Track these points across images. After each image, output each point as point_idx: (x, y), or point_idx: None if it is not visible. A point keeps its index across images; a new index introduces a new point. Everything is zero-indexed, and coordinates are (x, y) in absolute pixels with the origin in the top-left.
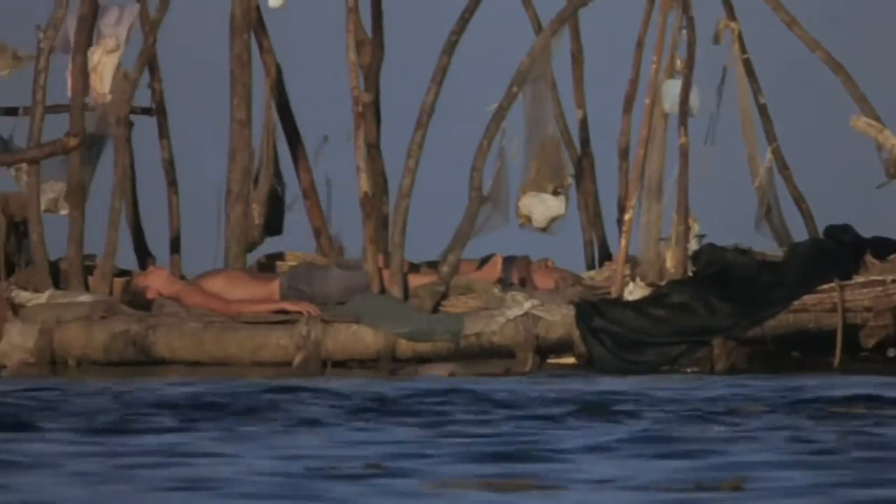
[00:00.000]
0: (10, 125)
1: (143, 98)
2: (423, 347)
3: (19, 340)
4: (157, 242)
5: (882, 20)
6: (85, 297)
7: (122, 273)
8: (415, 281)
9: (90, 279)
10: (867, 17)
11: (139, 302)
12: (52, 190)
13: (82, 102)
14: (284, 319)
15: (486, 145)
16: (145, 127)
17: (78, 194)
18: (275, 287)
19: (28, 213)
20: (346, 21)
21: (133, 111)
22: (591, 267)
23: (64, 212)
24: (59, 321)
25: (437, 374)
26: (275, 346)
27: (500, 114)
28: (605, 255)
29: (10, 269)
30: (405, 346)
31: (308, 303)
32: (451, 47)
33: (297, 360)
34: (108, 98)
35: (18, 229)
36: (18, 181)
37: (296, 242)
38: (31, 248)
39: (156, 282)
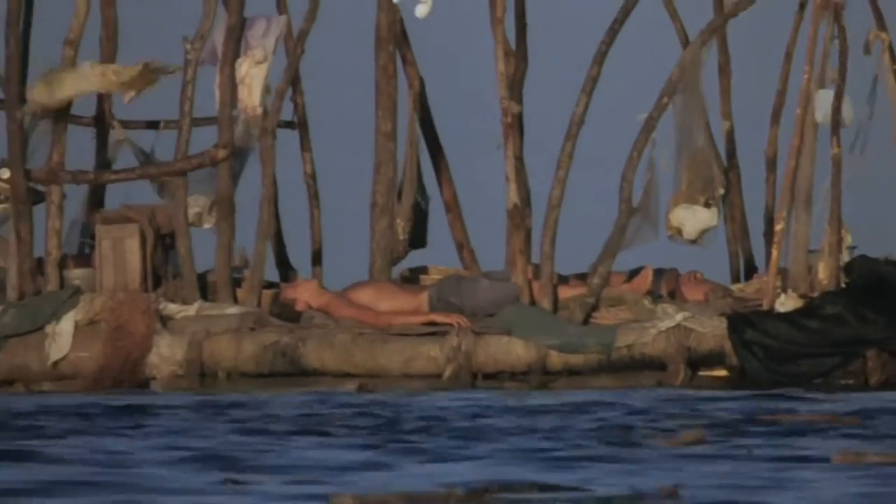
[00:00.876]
0: (151, 138)
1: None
2: (574, 359)
3: (169, 353)
4: (298, 255)
5: None
6: (234, 309)
7: (270, 285)
8: (564, 293)
9: (238, 291)
10: None
11: (288, 314)
12: (197, 204)
13: (230, 114)
14: (434, 331)
15: (635, 157)
16: (287, 140)
17: (227, 206)
18: (424, 299)
19: (175, 225)
20: (494, 32)
21: (289, 125)
22: (736, 279)
23: (207, 225)
24: (209, 333)
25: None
26: (425, 357)
27: (650, 124)
28: (751, 268)
29: (157, 282)
30: (556, 358)
31: (458, 315)
32: (601, 57)
33: (448, 372)
34: (258, 110)
35: (165, 241)
36: (162, 196)
37: (437, 256)
38: (178, 260)
39: (305, 293)
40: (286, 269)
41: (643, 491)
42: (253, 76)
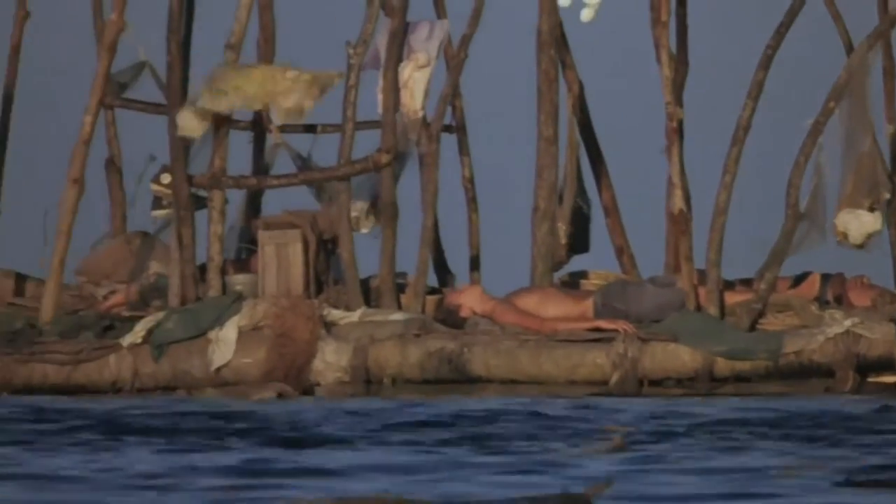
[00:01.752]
0: (308, 143)
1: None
2: (742, 366)
3: (333, 359)
4: (456, 260)
5: None
6: (398, 315)
7: (432, 291)
8: (731, 299)
9: (402, 297)
10: None
11: (452, 320)
12: (354, 208)
13: (393, 119)
14: (600, 337)
15: (802, 161)
16: (445, 144)
17: (390, 211)
18: (589, 305)
19: (339, 230)
20: (658, 36)
21: (447, 129)
22: None
23: (365, 230)
24: (373, 339)
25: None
26: (591, 364)
27: (817, 129)
28: None
29: (319, 288)
30: (723, 365)
31: (624, 321)
32: (766, 61)
33: (614, 378)
34: (420, 114)
35: (327, 247)
36: (320, 201)
37: (594, 261)
38: (341, 265)
39: (469, 299)
40: (444, 274)
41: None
42: (416, 80)
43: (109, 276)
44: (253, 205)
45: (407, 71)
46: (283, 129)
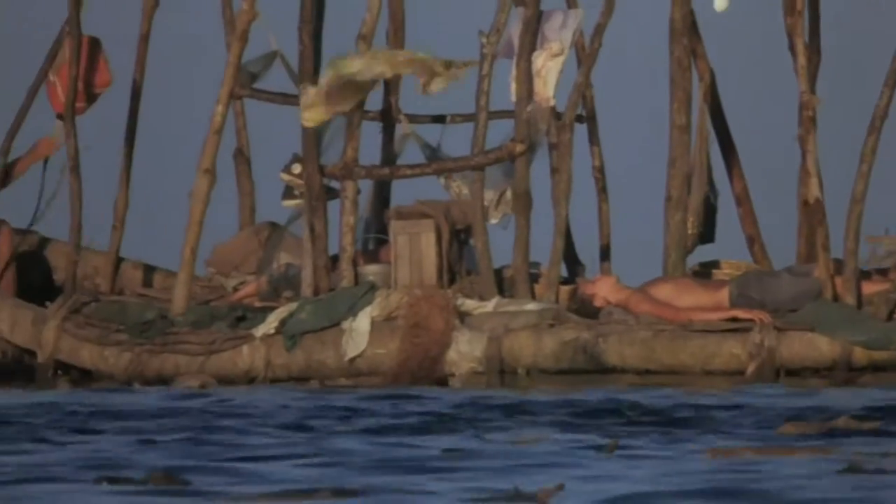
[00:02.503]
0: (436, 133)
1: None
2: (880, 356)
3: (468, 349)
4: (586, 250)
5: None
6: (532, 305)
7: (565, 281)
8: (868, 288)
9: (536, 287)
10: None
11: (585, 309)
12: (484, 198)
13: (527, 108)
14: (736, 327)
15: None
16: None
17: (524, 201)
18: (724, 294)
19: (472, 221)
20: (792, 24)
21: (560, 117)
22: None
23: (494, 220)
24: (508, 329)
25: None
26: (727, 354)
27: None
28: None
29: (452, 278)
30: (861, 355)
31: (760, 310)
32: None
33: (751, 368)
34: (552, 102)
35: (459, 237)
36: (448, 189)
37: (723, 250)
38: (474, 256)
39: (603, 289)
40: (574, 265)
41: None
42: (549, 69)
43: (239, 267)
44: (381, 195)
45: (540, 60)
46: (412, 119)
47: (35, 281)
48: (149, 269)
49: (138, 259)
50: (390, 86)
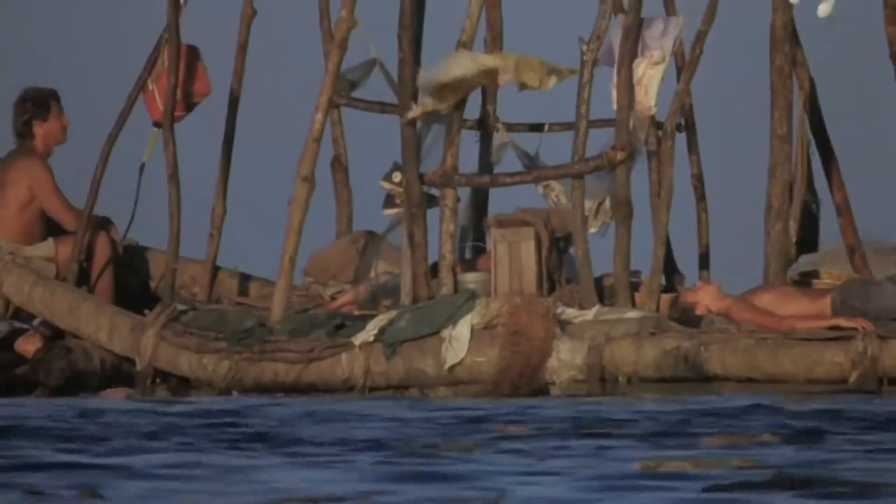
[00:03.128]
0: (533, 141)
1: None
2: None
3: (568, 357)
4: (682, 258)
5: None
6: (633, 314)
7: (666, 289)
8: None
9: (636, 295)
10: None
11: (686, 318)
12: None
13: (628, 116)
14: (839, 336)
15: None
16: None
17: (625, 209)
18: (826, 303)
19: (572, 229)
20: (893, 33)
21: (660, 126)
22: None
23: (593, 229)
24: (608, 337)
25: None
26: (830, 363)
27: None
28: None
29: (552, 286)
30: None
31: (862, 319)
32: None
33: (853, 377)
34: (653, 111)
35: (559, 245)
36: (546, 198)
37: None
38: (573, 264)
39: (705, 298)
40: (672, 273)
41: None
42: (650, 77)
43: (336, 275)
44: (478, 204)
45: (641, 68)
46: (510, 128)
47: (132, 289)
48: (245, 278)
49: (234, 268)
50: (487, 94)
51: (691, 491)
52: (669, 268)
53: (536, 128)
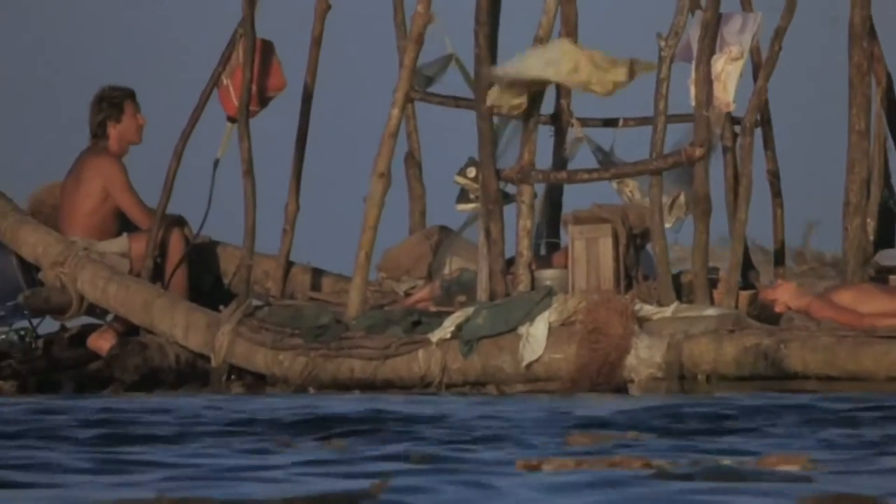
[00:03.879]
0: (607, 137)
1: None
2: None
3: (647, 354)
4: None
5: None
6: (711, 311)
7: (744, 286)
8: None
9: (714, 292)
10: None
11: (765, 315)
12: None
13: (706, 112)
14: None
15: None
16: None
17: (703, 205)
18: None
19: (651, 225)
20: None
21: (735, 122)
22: None
23: (667, 225)
24: (687, 335)
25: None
26: None
27: None
28: None
29: (629, 283)
30: None
31: None
32: None
33: None
34: (732, 107)
35: (636, 241)
36: (621, 194)
37: None
38: (650, 260)
39: (784, 295)
40: (746, 269)
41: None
42: (728, 73)
43: (409, 271)
44: (552, 200)
45: (720, 64)
46: (584, 123)
47: (204, 285)
48: (318, 274)
49: (307, 263)
50: (562, 89)
51: None
52: (745, 264)
53: (610, 123)
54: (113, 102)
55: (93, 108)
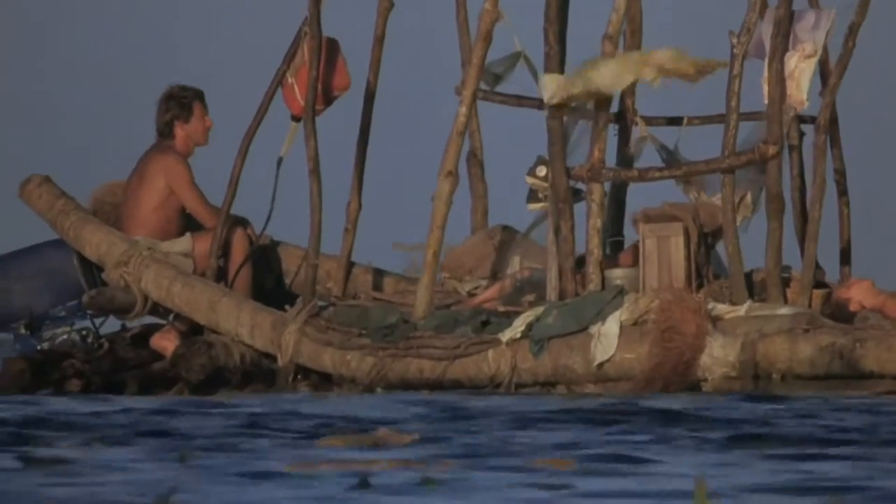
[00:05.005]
0: (672, 135)
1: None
2: None
3: (721, 353)
4: (825, 254)
5: None
6: (785, 310)
7: (818, 285)
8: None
9: (787, 291)
10: None
11: (840, 314)
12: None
13: (780, 110)
14: None
15: None
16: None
17: (777, 204)
18: None
19: (723, 223)
20: None
21: (803, 120)
22: None
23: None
24: (762, 334)
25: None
26: None
27: None
28: None
29: (700, 282)
30: None
31: None
32: None
33: None
34: (806, 105)
35: (706, 240)
36: (686, 193)
37: None
38: (719, 259)
39: (858, 293)
40: (814, 268)
41: None
42: (801, 70)
43: (472, 271)
44: (617, 199)
45: (793, 61)
46: (648, 121)
47: (266, 284)
48: (379, 274)
49: (368, 263)
50: (626, 88)
51: None
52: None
53: (675, 121)
54: (182, 103)
55: (161, 106)
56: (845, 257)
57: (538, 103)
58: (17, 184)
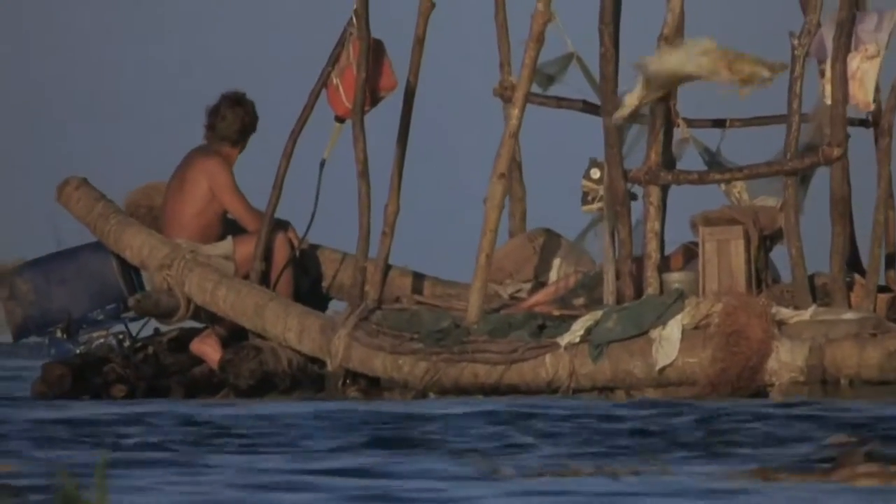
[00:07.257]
0: (714, 137)
1: None
2: None
3: (788, 358)
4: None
5: None
6: (850, 314)
7: (882, 289)
8: None
9: (851, 295)
10: None
11: None
12: (765, 203)
13: (844, 111)
14: None
15: None
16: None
17: (841, 207)
18: None
19: (785, 226)
20: None
21: (850, 122)
22: None
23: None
24: (829, 339)
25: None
26: None
27: None
28: None
29: (759, 286)
30: None
31: None
32: None
33: None
34: (871, 107)
35: (766, 243)
36: (729, 195)
37: None
38: (773, 263)
39: None
40: (857, 272)
41: None
42: (864, 71)
43: (513, 274)
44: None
45: (855, 62)
46: (691, 123)
47: (302, 288)
48: (417, 277)
49: (404, 266)
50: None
51: None
52: (854, 266)
53: (718, 123)
54: (254, 115)
55: (228, 111)
56: (891, 261)
57: (580, 105)
58: (54, 186)
